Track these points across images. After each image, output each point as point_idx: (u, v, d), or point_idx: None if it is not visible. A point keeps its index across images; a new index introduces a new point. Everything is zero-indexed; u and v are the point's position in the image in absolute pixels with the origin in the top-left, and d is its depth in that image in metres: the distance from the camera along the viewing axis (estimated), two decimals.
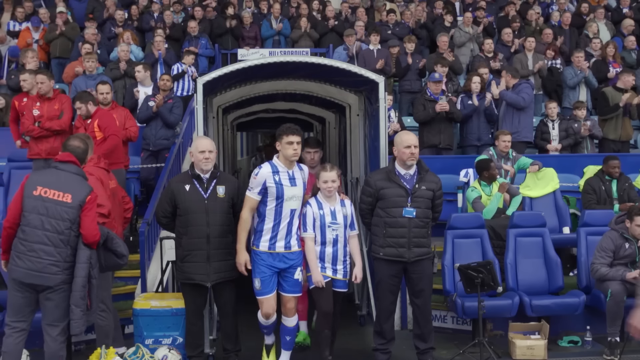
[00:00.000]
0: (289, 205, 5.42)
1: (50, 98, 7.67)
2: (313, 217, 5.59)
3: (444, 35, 11.42)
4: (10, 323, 4.98)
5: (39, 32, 12.22)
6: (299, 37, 12.67)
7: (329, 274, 5.62)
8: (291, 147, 5.39)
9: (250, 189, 5.41)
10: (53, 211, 4.92)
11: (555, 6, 14.13)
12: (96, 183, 5.46)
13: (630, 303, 6.27)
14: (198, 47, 11.82)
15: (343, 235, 5.66)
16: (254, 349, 6.01)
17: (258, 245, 5.46)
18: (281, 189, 5.38)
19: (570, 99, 10.92)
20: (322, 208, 5.63)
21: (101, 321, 5.62)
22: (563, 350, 6.56)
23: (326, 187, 5.61)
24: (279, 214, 5.42)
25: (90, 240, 5.00)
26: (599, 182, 8.06)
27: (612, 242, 6.53)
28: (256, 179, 5.39)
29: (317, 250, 5.60)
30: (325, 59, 7.78)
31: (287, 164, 5.44)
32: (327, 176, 5.62)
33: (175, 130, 9.05)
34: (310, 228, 5.59)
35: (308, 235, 5.60)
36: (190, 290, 5.65)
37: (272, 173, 5.39)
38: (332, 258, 5.64)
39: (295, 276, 5.52)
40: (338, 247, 5.64)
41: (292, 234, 5.50)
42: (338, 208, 5.68)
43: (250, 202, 5.43)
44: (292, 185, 5.43)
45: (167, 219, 5.71)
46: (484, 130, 9.63)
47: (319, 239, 5.61)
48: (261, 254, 5.44)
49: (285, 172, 5.43)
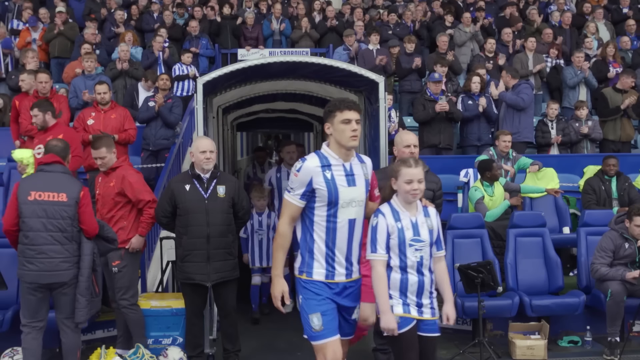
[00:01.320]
0: (347, 213, 3.93)
1: (48, 98, 7.68)
2: (387, 232, 4.00)
3: (444, 35, 11.43)
4: (28, 324, 5.19)
5: (38, 32, 12.22)
6: (300, 37, 12.68)
7: (414, 314, 4.02)
8: (348, 127, 3.88)
9: (290, 191, 3.94)
10: (52, 212, 5.10)
11: (554, 6, 14.14)
12: (140, 178, 5.84)
13: (630, 303, 6.29)
14: (199, 47, 11.82)
15: (429, 258, 4.08)
16: (254, 349, 6.02)
17: (310, 272, 3.96)
18: (335, 191, 3.89)
19: (570, 99, 10.93)
20: (399, 220, 4.03)
21: (133, 315, 5.74)
22: (563, 350, 6.56)
23: (410, 190, 4.00)
24: (333, 227, 3.93)
25: (92, 233, 5.25)
26: (599, 182, 8.06)
27: (611, 242, 6.53)
28: (298, 176, 3.90)
29: (395, 279, 4.01)
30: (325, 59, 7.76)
31: (343, 153, 3.96)
32: (411, 174, 4.01)
33: (175, 130, 9.06)
34: (382, 247, 4.00)
35: (379, 258, 3.99)
36: (191, 290, 5.65)
37: (322, 168, 3.91)
38: (417, 290, 4.04)
39: (354, 315, 4.13)
40: (424, 274, 4.05)
41: (354, 254, 4.02)
42: (421, 219, 4.09)
43: (291, 210, 3.94)
44: (350, 185, 3.95)
45: (167, 219, 5.70)
46: (484, 130, 9.63)
47: (396, 262, 4.01)
48: (316, 283, 3.94)
49: (339, 165, 3.95)
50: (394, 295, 4.00)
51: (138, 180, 5.81)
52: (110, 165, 5.82)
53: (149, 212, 5.78)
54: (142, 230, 5.82)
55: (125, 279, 5.70)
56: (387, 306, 3.94)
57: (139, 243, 5.81)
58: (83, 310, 5.16)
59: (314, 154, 3.99)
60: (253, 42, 12.71)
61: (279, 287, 3.96)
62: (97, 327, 6.38)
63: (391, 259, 4.00)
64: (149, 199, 5.78)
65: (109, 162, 5.81)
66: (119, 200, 5.76)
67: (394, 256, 4.00)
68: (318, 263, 3.93)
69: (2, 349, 5.77)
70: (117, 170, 5.79)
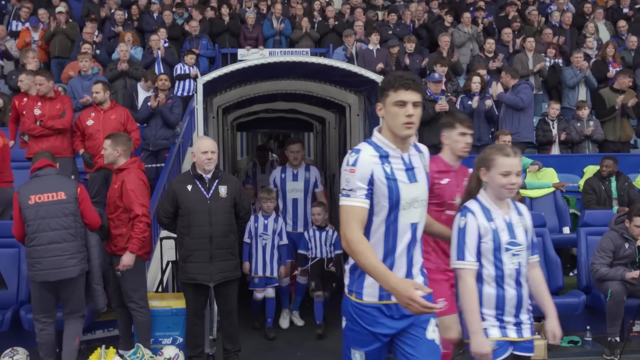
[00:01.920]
0: (408, 216, 3.13)
1: (51, 98, 7.66)
2: (478, 235, 3.34)
3: (445, 35, 11.43)
4: (40, 319, 5.41)
5: (38, 33, 12.22)
6: (300, 37, 12.68)
7: (512, 335, 3.37)
8: (402, 111, 3.07)
9: (350, 193, 3.07)
10: (53, 211, 5.30)
11: (554, 6, 14.15)
12: (139, 187, 5.63)
13: (630, 303, 6.29)
14: (199, 47, 11.82)
15: (526, 265, 3.44)
16: (254, 349, 6.02)
17: (360, 293, 3.16)
18: (396, 189, 3.10)
19: (569, 99, 10.92)
20: (492, 219, 3.38)
21: (141, 317, 5.71)
22: (563, 350, 6.55)
23: (507, 184, 3.35)
24: (393, 233, 3.12)
25: (95, 226, 5.56)
26: (599, 182, 8.06)
27: (611, 242, 6.53)
28: (355, 171, 3.06)
29: (488, 293, 3.34)
30: (325, 59, 7.79)
31: (399, 142, 3.15)
32: (509, 164, 3.36)
33: (175, 130, 9.05)
34: (471, 254, 3.34)
35: (468, 267, 3.33)
36: (193, 291, 5.64)
37: (380, 159, 3.12)
38: (516, 305, 3.38)
39: (429, 335, 3.19)
40: (522, 286, 3.39)
41: (415, 267, 3.22)
42: (515, 218, 3.44)
43: (357, 215, 3.05)
44: (411, 181, 3.15)
45: (168, 219, 5.70)
46: (484, 130, 9.62)
47: (490, 272, 3.34)
48: (366, 308, 3.16)
49: (398, 157, 3.15)
50: (488, 314, 3.33)
51: (136, 188, 5.54)
52: (111, 161, 5.77)
53: (139, 226, 5.46)
54: (132, 247, 5.47)
55: (129, 282, 5.61)
56: (479, 325, 3.25)
57: (129, 260, 5.49)
58: (101, 297, 5.58)
59: (365, 143, 3.22)
60: (253, 42, 12.71)
61: (407, 288, 2.87)
62: (97, 327, 6.37)
63: (483, 268, 3.31)
64: (139, 212, 5.45)
65: (109, 157, 5.76)
66: (119, 205, 5.60)
67: (487, 264, 3.32)
68: (371, 280, 3.09)
69: (2, 349, 5.77)
70: (123, 172, 5.67)
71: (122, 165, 5.72)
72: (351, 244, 3.01)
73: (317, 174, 7.43)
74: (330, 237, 7.00)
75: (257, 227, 6.94)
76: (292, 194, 7.27)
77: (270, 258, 6.89)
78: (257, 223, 6.95)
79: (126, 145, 5.79)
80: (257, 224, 6.95)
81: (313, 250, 6.98)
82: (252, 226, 6.92)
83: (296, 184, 7.26)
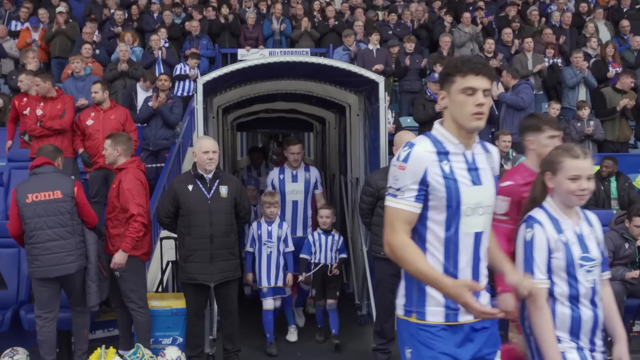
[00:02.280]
0: (471, 224, 2.75)
1: (53, 98, 7.66)
2: (548, 249, 2.97)
3: (446, 35, 11.43)
4: (42, 315, 5.48)
5: (38, 33, 12.22)
6: (300, 37, 12.68)
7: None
8: (471, 100, 2.72)
9: (397, 193, 2.74)
10: (50, 209, 5.38)
11: (554, 6, 14.15)
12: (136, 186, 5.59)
13: (630, 303, 6.29)
14: (199, 48, 11.82)
15: (600, 282, 3.09)
16: (254, 349, 6.01)
17: (422, 313, 2.77)
18: (456, 191, 2.72)
19: (569, 99, 10.92)
20: (562, 231, 3.00)
21: (140, 317, 5.70)
22: None
23: (576, 190, 3.01)
24: (454, 244, 2.74)
25: (92, 224, 5.62)
26: (598, 183, 8.06)
27: (611, 243, 6.53)
28: (406, 168, 2.71)
29: (563, 314, 2.99)
30: (325, 59, 7.78)
31: (463, 136, 2.78)
32: (579, 167, 3.02)
33: (175, 130, 9.05)
34: (541, 271, 2.97)
35: (539, 285, 2.96)
36: (193, 291, 5.65)
37: (438, 155, 2.74)
38: (592, 327, 3.03)
39: None
40: (597, 306, 3.03)
41: (482, 282, 2.82)
42: (586, 229, 3.09)
43: (404, 218, 2.73)
44: (475, 184, 2.76)
45: (169, 219, 5.70)
46: (484, 130, 9.55)
47: (563, 290, 2.98)
48: (433, 331, 2.75)
49: (459, 154, 2.78)
50: (563, 337, 2.98)
51: (132, 188, 5.51)
52: (112, 161, 5.80)
53: (134, 226, 5.44)
54: (124, 245, 5.44)
55: (128, 283, 5.60)
56: (557, 351, 2.91)
57: (121, 259, 5.47)
58: (94, 295, 5.53)
59: (423, 136, 2.80)
60: (253, 42, 12.71)
61: (457, 290, 2.59)
62: (97, 327, 6.36)
63: (555, 286, 2.96)
64: (134, 212, 5.43)
65: (109, 157, 5.79)
66: (117, 205, 5.58)
67: (560, 282, 2.96)
68: (433, 299, 2.73)
69: (2, 349, 5.77)
70: (122, 171, 5.67)
71: (121, 164, 5.73)
72: (396, 250, 2.69)
73: (317, 174, 7.16)
74: (336, 242, 6.62)
75: (260, 234, 6.46)
76: (291, 196, 6.96)
77: (277, 267, 6.43)
78: (261, 230, 6.46)
79: (126, 145, 5.80)
80: (261, 230, 6.46)
81: (317, 254, 6.57)
82: (255, 233, 6.48)
83: (296, 185, 6.97)
